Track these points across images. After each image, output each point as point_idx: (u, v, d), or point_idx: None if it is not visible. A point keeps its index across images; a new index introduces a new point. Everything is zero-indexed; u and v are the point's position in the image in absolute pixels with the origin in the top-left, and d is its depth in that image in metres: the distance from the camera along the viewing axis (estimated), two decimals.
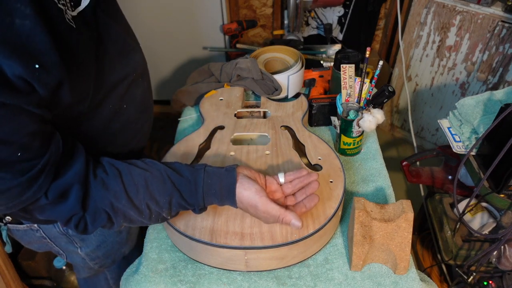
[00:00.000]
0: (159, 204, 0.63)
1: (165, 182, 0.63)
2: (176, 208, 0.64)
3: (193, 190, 0.64)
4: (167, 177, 0.63)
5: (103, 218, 0.61)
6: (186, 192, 0.64)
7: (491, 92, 1.02)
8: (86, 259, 0.87)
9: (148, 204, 0.62)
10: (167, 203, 0.63)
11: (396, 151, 2.06)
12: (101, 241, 0.85)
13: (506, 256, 0.96)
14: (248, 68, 1.03)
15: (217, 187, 0.64)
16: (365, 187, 0.88)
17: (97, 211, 0.60)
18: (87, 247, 0.84)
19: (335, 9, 1.91)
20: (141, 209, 0.62)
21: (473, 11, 1.54)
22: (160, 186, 0.63)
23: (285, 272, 0.72)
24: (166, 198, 0.63)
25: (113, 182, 0.60)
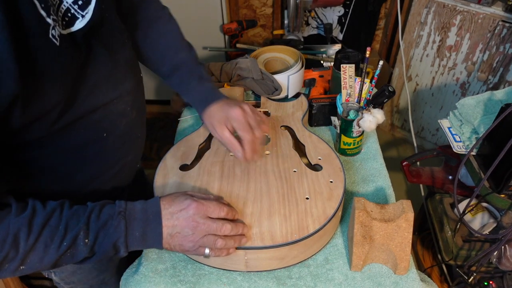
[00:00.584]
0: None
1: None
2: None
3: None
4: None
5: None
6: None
7: (491, 92, 1.02)
8: (61, 283, 0.85)
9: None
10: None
11: (396, 151, 2.06)
12: (77, 268, 0.81)
13: (506, 256, 0.96)
14: (248, 68, 1.03)
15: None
16: (365, 187, 0.87)
17: None
18: (62, 273, 0.82)
19: (335, 9, 1.91)
20: None
21: (474, 11, 1.54)
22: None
23: (285, 272, 0.72)
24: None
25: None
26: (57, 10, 0.53)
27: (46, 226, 0.55)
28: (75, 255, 0.57)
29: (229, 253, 0.66)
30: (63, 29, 0.53)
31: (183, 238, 0.62)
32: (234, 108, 0.76)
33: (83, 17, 0.56)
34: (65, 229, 0.56)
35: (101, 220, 0.59)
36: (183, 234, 0.62)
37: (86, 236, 0.57)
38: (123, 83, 0.68)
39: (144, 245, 0.62)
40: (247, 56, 1.11)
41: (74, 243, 0.56)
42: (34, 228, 0.54)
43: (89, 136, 0.64)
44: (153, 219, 0.61)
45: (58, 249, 0.55)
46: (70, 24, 0.55)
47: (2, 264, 0.53)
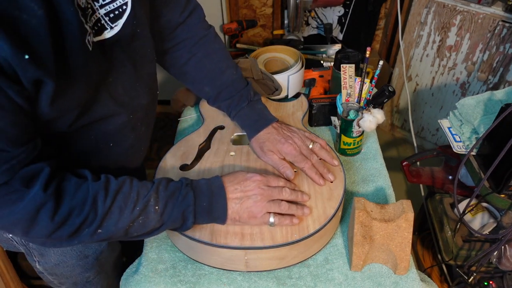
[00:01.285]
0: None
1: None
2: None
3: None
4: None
5: (83, 212, 0.56)
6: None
7: (491, 92, 1.02)
8: (44, 273, 0.86)
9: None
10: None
11: (396, 151, 2.06)
12: (60, 261, 0.82)
13: (506, 256, 0.96)
14: (248, 68, 1.03)
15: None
16: (365, 187, 0.87)
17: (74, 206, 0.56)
18: (46, 263, 0.82)
19: (335, 9, 1.91)
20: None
21: (474, 11, 1.54)
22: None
23: (285, 272, 0.72)
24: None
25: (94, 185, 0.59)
26: (89, 19, 0.55)
27: (119, 191, 0.60)
28: (146, 223, 0.61)
29: (293, 223, 0.69)
30: (93, 36, 0.56)
31: (252, 203, 0.68)
32: (286, 145, 0.79)
33: (112, 29, 0.59)
34: (137, 196, 0.61)
35: (169, 191, 0.64)
36: (252, 200, 0.68)
37: (156, 203, 0.62)
38: (141, 98, 0.70)
39: (210, 217, 0.67)
40: (247, 56, 1.11)
41: (145, 209, 0.61)
42: (110, 193, 0.59)
43: (98, 144, 0.66)
44: (218, 192, 0.67)
45: (131, 213, 0.59)
46: (98, 33, 0.57)
47: (81, 226, 0.56)
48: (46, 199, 0.53)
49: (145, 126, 0.75)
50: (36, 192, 0.53)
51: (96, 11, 0.56)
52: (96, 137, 0.65)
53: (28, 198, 0.52)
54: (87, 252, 0.84)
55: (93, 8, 0.56)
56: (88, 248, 0.84)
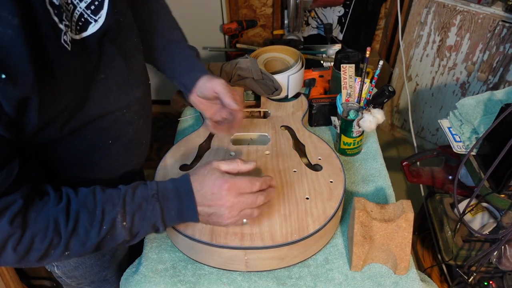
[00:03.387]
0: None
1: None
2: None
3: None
4: None
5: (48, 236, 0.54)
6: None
7: (491, 92, 1.02)
8: (63, 277, 0.85)
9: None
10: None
11: (396, 151, 2.06)
12: (80, 262, 0.82)
13: (506, 256, 0.96)
14: (248, 68, 1.03)
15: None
16: (365, 187, 0.87)
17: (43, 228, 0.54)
18: (64, 267, 0.82)
19: (335, 9, 1.91)
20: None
21: (474, 11, 1.54)
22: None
23: (285, 272, 0.72)
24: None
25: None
26: (71, 16, 0.54)
27: (82, 211, 0.57)
28: (115, 238, 0.59)
29: (263, 213, 0.69)
30: (77, 33, 0.55)
31: (220, 217, 0.64)
32: None
33: (96, 22, 0.57)
34: (102, 213, 0.58)
35: (136, 203, 0.61)
36: (219, 214, 0.63)
37: (124, 219, 0.59)
38: (134, 91, 0.68)
39: (182, 221, 0.65)
40: (247, 56, 1.11)
41: (113, 226, 0.58)
42: (72, 215, 0.56)
43: (96, 142, 0.65)
44: (186, 198, 0.63)
45: (98, 233, 0.57)
46: (83, 29, 0.56)
47: (48, 250, 0.55)
48: (12, 231, 0.52)
49: (142, 119, 0.73)
50: (2, 225, 0.51)
51: (77, 6, 0.54)
52: (93, 136, 0.63)
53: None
54: (104, 251, 0.85)
55: (74, 3, 0.54)
56: None
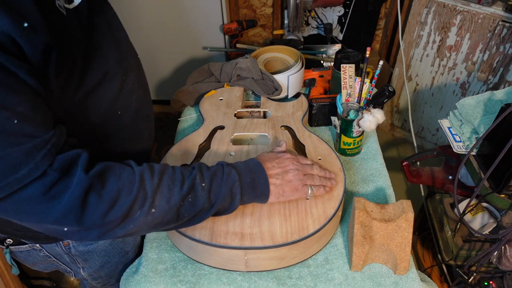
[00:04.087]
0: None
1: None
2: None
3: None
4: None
5: (125, 202, 0.54)
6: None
7: (491, 92, 1.02)
8: (88, 279, 0.86)
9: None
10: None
11: (396, 151, 2.06)
12: (105, 262, 0.83)
13: (506, 257, 0.96)
14: (248, 68, 1.03)
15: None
16: (365, 187, 0.87)
17: (116, 191, 0.55)
18: (90, 268, 0.82)
19: (335, 9, 1.91)
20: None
21: (474, 11, 1.53)
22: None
23: (285, 272, 0.72)
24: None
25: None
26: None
27: (164, 172, 0.60)
28: (195, 202, 0.61)
29: (326, 191, 0.74)
30: (66, 3, 0.56)
31: (292, 176, 0.70)
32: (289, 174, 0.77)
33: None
34: (181, 175, 0.61)
35: (211, 171, 0.64)
36: (292, 174, 0.70)
37: (202, 181, 0.62)
38: (128, 58, 0.71)
39: (255, 193, 0.67)
40: (247, 56, 1.11)
41: (193, 187, 0.61)
42: (155, 172, 0.59)
43: (106, 114, 0.66)
44: (257, 170, 0.68)
45: (180, 190, 0.59)
46: (70, 1, 0.57)
47: (133, 207, 0.55)
48: (90, 181, 0.52)
49: (142, 89, 0.76)
50: (79, 177, 0.51)
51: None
52: (103, 108, 0.65)
53: (73, 184, 0.51)
54: (127, 248, 0.86)
55: None
56: (127, 244, 0.85)
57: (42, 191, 0.50)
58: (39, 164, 0.49)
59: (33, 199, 0.50)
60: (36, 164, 0.48)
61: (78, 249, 0.78)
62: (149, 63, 0.81)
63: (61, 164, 0.51)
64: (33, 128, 0.48)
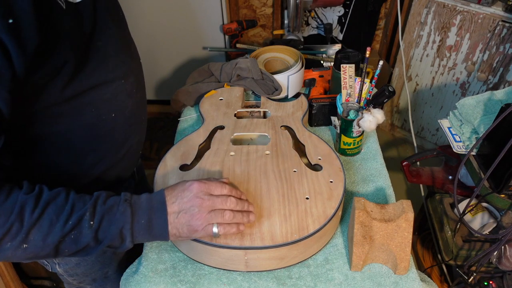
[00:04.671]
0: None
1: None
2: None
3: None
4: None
5: None
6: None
7: (491, 92, 1.02)
8: (64, 275, 0.86)
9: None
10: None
11: (396, 151, 2.06)
12: (81, 260, 0.82)
13: (506, 257, 0.96)
14: (248, 68, 1.03)
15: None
16: (365, 187, 0.87)
17: None
18: (66, 264, 0.82)
19: (335, 9, 1.91)
20: None
21: (474, 11, 1.54)
22: None
23: (285, 272, 0.72)
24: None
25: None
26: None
27: (51, 203, 0.56)
28: (78, 239, 0.57)
29: (240, 230, 0.65)
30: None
31: (190, 216, 0.62)
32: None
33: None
34: (71, 209, 0.57)
35: (107, 205, 0.59)
36: (190, 213, 0.62)
37: (92, 218, 0.57)
38: (130, 62, 0.70)
39: (150, 235, 0.62)
40: (247, 56, 1.11)
41: (79, 224, 0.57)
42: (40, 203, 0.55)
43: (100, 114, 0.66)
44: (158, 207, 0.62)
45: (63, 228, 0.55)
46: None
47: (4, 238, 0.52)
48: None
49: (139, 93, 0.75)
50: None
51: None
52: (97, 108, 0.64)
53: None
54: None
55: None
56: None
57: None
58: None
59: None
60: None
61: None
62: (149, 63, 0.81)
63: None
64: None
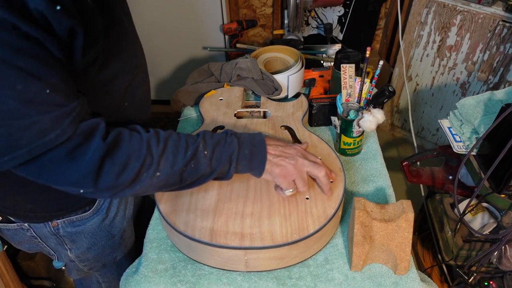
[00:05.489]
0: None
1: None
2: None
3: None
4: None
5: (135, 165, 0.60)
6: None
7: (491, 92, 1.02)
8: (76, 261, 0.86)
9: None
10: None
11: (396, 151, 2.06)
12: (92, 243, 0.84)
13: (507, 257, 0.96)
14: (248, 68, 1.03)
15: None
16: (365, 187, 0.87)
17: (127, 157, 0.60)
18: (77, 249, 0.83)
19: (335, 9, 1.91)
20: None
21: (474, 11, 1.53)
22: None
23: (285, 272, 0.72)
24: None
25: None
26: None
27: (169, 139, 0.64)
28: (198, 168, 0.65)
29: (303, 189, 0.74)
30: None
31: (288, 162, 0.71)
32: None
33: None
34: (186, 143, 0.65)
35: (215, 139, 0.68)
36: (289, 160, 0.71)
37: (205, 149, 0.66)
38: (138, 55, 0.75)
39: (250, 164, 0.70)
40: (247, 56, 1.11)
41: (196, 154, 0.65)
42: (161, 139, 0.64)
43: (115, 104, 0.70)
44: (259, 145, 0.70)
45: (184, 156, 0.64)
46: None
47: (141, 170, 0.60)
48: (106, 148, 0.58)
49: (146, 84, 0.80)
50: (97, 144, 0.57)
51: None
52: (113, 99, 0.69)
53: (92, 150, 0.56)
54: (113, 231, 0.87)
55: None
56: (114, 227, 0.87)
57: (64, 154, 0.55)
58: (66, 130, 0.54)
59: (56, 161, 0.55)
60: (63, 130, 0.53)
61: (66, 230, 0.79)
62: (149, 63, 0.82)
63: (83, 130, 0.56)
64: (63, 98, 0.53)
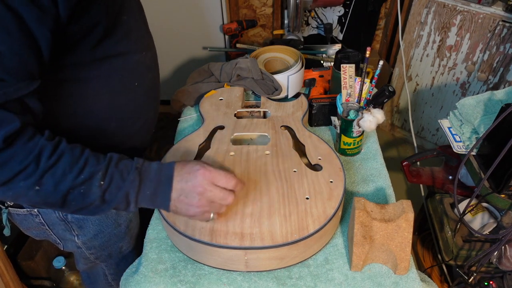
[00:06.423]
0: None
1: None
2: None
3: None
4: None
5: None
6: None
7: (491, 92, 1.02)
8: (83, 248, 0.87)
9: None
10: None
11: (396, 151, 2.06)
12: (98, 231, 0.84)
13: (507, 257, 0.96)
14: (248, 68, 1.03)
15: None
16: (365, 187, 0.87)
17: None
18: (84, 236, 0.84)
19: (335, 9, 1.91)
20: None
21: (474, 11, 1.53)
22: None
23: (285, 272, 0.72)
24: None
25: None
26: None
27: (68, 153, 0.58)
28: (86, 195, 0.59)
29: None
30: None
31: (189, 201, 0.64)
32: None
33: None
34: (84, 163, 0.59)
35: (118, 169, 0.62)
36: (189, 198, 0.63)
37: (103, 178, 0.60)
38: (148, 37, 0.76)
39: (152, 205, 0.65)
40: (247, 56, 1.11)
41: (90, 180, 0.59)
42: (58, 151, 0.58)
43: (124, 82, 0.70)
44: (165, 181, 0.63)
45: (74, 179, 0.58)
46: None
47: (18, 175, 0.55)
48: (3, 143, 0.53)
49: (156, 68, 0.79)
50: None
51: None
52: (122, 77, 0.69)
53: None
54: (120, 220, 0.87)
55: None
56: (120, 216, 0.87)
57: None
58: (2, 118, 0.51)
59: None
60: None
61: (74, 216, 0.79)
62: None
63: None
64: (11, 85, 0.51)
